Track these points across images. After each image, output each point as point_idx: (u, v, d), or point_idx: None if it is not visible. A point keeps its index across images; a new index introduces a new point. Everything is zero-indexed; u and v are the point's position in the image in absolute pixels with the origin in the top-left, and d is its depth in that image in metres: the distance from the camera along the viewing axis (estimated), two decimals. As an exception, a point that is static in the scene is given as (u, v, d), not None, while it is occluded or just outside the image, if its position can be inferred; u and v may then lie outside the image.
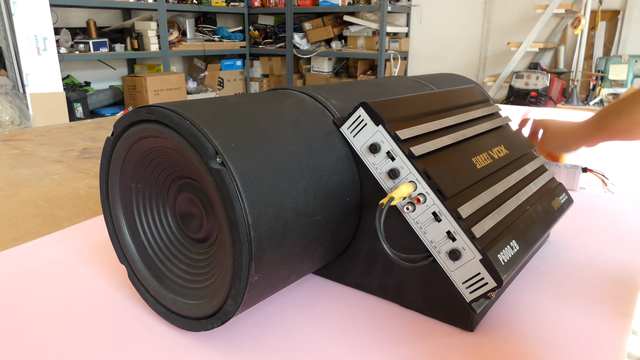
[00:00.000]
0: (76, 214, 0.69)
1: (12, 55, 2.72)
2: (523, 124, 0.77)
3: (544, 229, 0.48)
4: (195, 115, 0.36)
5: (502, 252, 0.40)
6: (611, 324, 0.43)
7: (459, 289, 0.41)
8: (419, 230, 0.41)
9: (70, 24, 3.34)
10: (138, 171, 0.43)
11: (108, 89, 3.47)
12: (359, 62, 4.00)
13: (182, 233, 0.44)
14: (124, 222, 0.45)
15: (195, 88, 3.86)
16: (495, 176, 0.47)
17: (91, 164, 0.95)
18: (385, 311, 0.45)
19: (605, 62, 3.17)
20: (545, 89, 3.32)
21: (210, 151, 0.34)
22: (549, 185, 0.54)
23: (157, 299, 0.43)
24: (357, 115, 0.43)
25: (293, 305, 0.46)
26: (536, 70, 3.40)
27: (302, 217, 0.38)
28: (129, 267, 0.45)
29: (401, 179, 0.41)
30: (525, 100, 3.34)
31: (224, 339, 0.41)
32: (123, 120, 0.40)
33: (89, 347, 0.39)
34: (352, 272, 0.48)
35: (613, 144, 0.85)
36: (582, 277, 0.51)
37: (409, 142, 0.42)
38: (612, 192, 0.78)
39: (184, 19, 3.81)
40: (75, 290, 0.48)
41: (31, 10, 2.62)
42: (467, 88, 0.58)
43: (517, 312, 0.44)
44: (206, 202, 0.41)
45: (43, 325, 0.42)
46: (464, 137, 0.48)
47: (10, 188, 0.80)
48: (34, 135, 1.20)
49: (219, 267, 0.40)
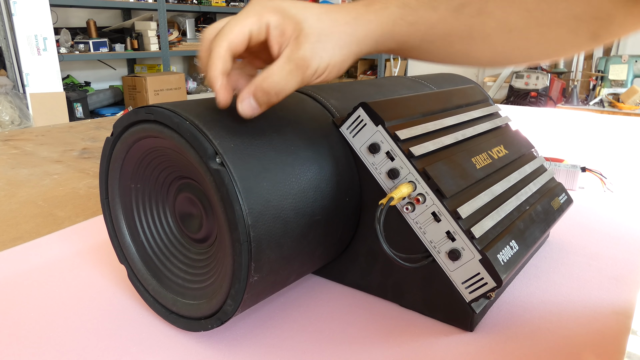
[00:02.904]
0: (76, 214, 0.69)
1: (12, 55, 2.72)
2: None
3: (544, 228, 0.48)
4: (194, 115, 0.36)
5: (501, 252, 0.40)
6: (611, 323, 0.43)
7: (458, 289, 0.41)
8: (419, 230, 0.41)
9: (70, 24, 3.34)
10: (138, 171, 0.43)
11: (108, 89, 3.47)
12: (359, 62, 4.00)
13: (182, 233, 0.45)
14: (124, 222, 0.45)
15: (196, 88, 3.86)
16: (495, 176, 0.47)
17: (91, 164, 0.95)
18: (384, 311, 0.45)
19: (605, 62, 3.17)
20: (545, 89, 3.32)
21: (210, 151, 0.34)
22: (549, 185, 0.54)
23: (156, 299, 0.43)
24: (357, 115, 0.43)
25: (293, 305, 0.46)
26: (536, 70, 3.40)
27: (302, 218, 0.38)
28: (129, 267, 0.45)
29: (401, 179, 0.41)
30: (525, 100, 3.34)
31: (224, 339, 0.41)
32: (122, 120, 0.40)
33: (89, 347, 0.39)
34: (351, 272, 0.48)
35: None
36: (582, 277, 0.51)
37: (408, 142, 0.42)
38: (612, 191, 0.78)
39: (184, 19, 3.81)
40: (75, 290, 0.48)
41: (31, 10, 2.62)
42: (467, 88, 0.58)
43: (516, 312, 0.44)
44: (206, 203, 0.41)
45: (43, 325, 0.42)
46: (464, 137, 0.48)
47: (10, 188, 0.80)
48: (34, 135, 1.20)
49: (218, 267, 0.40)
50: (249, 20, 0.35)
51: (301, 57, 0.35)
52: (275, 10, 0.35)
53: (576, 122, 1.39)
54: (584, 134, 1.24)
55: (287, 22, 0.35)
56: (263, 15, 0.35)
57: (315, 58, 0.35)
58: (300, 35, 0.35)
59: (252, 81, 0.36)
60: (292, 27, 0.35)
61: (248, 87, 0.36)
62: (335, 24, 0.36)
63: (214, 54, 0.35)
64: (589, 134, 1.25)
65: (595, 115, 1.53)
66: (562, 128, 1.31)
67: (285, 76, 0.35)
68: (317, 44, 0.35)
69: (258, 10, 0.35)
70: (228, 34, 0.35)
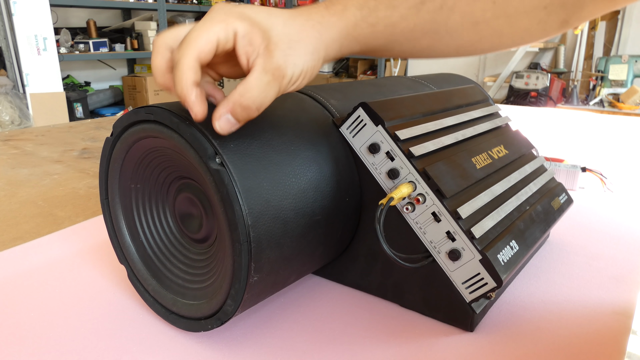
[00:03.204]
0: (76, 214, 0.69)
1: (12, 55, 2.72)
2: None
3: (544, 229, 0.48)
4: (194, 115, 0.36)
5: (501, 252, 0.40)
6: (611, 323, 0.43)
7: (458, 289, 0.41)
8: (419, 230, 0.41)
9: (70, 24, 3.34)
10: (137, 171, 0.43)
11: (108, 89, 3.47)
12: (359, 62, 4.00)
13: (182, 233, 0.44)
14: (124, 222, 0.45)
15: (195, 88, 3.85)
16: (495, 176, 0.47)
17: (91, 164, 0.95)
18: (384, 311, 0.45)
19: (605, 62, 3.17)
20: (545, 89, 3.33)
21: (210, 151, 0.34)
22: (549, 185, 0.54)
23: (156, 299, 0.43)
24: (357, 115, 0.43)
25: (293, 305, 0.46)
26: (536, 70, 3.40)
27: (302, 218, 0.38)
28: (129, 267, 0.45)
29: (401, 179, 0.41)
30: (525, 100, 3.34)
31: (224, 339, 0.41)
32: (122, 120, 0.40)
33: (89, 347, 0.39)
34: (351, 272, 0.48)
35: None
36: (582, 277, 0.51)
37: (408, 142, 0.42)
38: (612, 191, 0.78)
39: (184, 19, 3.81)
40: (75, 290, 0.48)
41: (31, 10, 2.62)
42: (467, 88, 0.58)
43: (517, 312, 0.44)
44: (206, 203, 0.41)
45: (43, 325, 0.42)
46: (464, 137, 0.48)
47: (10, 188, 0.80)
48: (34, 135, 1.20)
49: (218, 267, 0.40)
50: (216, 28, 0.32)
51: (276, 67, 0.33)
52: (241, 17, 0.33)
53: (576, 122, 1.39)
54: (584, 134, 1.24)
55: (255, 30, 0.33)
56: (229, 22, 0.33)
57: (289, 66, 0.34)
58: (270, 44, 0.33)
59: (228, 97, 0.34)
60: (260, 35, 0.33)
61: (224, 104, 0.34)
62: (302, 28, 0.35)
63: (183, 64, 0.32)
64: (589, 134, 1.25)
65: (595, 115, 1.53)
66: (562, 128, 1.31)
67: (264, 89, 0.33)
68: (288, 51, 0.33)
69: (223, 17, 0.33)
70: (196, 42, 0.32)
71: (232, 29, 0.33)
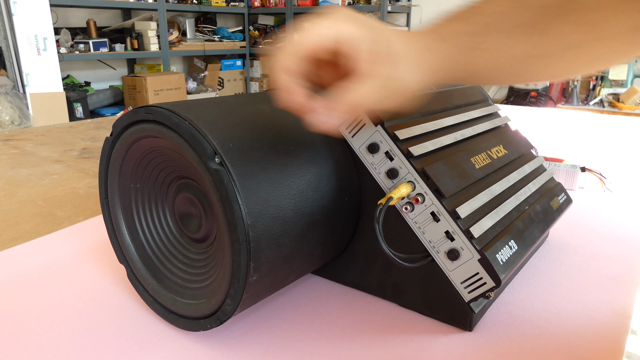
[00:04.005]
0: (76, 214, 0.69)
1: (12, 55, 2.72)
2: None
3: (543, 228, 0.48)
4: (193, 115, 0.36)
5: (500, 252, 0.40)
6: (610, 323, 0.43)
7: (457, 289, 0.41)
8: (418, 230, 0.41)
9: (70, 24, 3.34)
10: (137, 171, 0.43)
11: (108, 89, 3.47)
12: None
13: (181, 233, 0.45)
14: (123, 222, 0.45)
15: (195, 88, 3.86)
16: (494, 176, 0.47)
17: (91, 163, 0.95)
18: (384, 311, 0.45)
19: (605, 62, 3.16)
20: (545, 89, 3.32)
21: (209, 151, 0.34)
22: (548, 185, 0.54)
23: (156, 298, 0.43)
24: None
25: (292, 305, 0.46)
26: (536, 70, 3.38)
27: (301, 217, 0.38)
28: (128, 267, 0.45)
29: (400, 179, 0.41)
30: (525, 100, 3.34)
31: (223, 339, 0.41)
32: (122, 120, 0.40)
33: (88, 347, 0.40)
34: (351, 272, 0.48)
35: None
36: (581, 277, 0.51)
37: (407, 142, 0.42)
38: (611, 191, 0.78)
39: (184, 19, 3.81)
40: (74, 289, 0.48)
41: (31, 10, 2.62)
42: (467, 88, 0.58)
43: (515, 312, 0.44)
44: (205, 202, 0.41)
45: (42, 325, 0.43)
46: (463, 137, 0.48)
47: (10, 188, 0.80)
48: (34, 135, 1.21)
49: (217, 267, 0.40)
50: (346, 27, 0.32)
51: (398, 78, 0.34)
52: (365, 25, 0.33)
53: (576, 122, 1.39)
54: (583, 134, 1.24)
55: (380, 39, 0.33)
56: (356, 26, 0.33)
57: (405, 79, 0.34)
58: (392, 54, 0.33)
59: (341, 96, 0.33)
60: (385, 44, 0.33)
61: (335, 103, 0.33)
62: (415, 48, 0.35)
63: (295, 49, 0.32)
64: (589, 134, 1.25)
65: (595, 115, 1.53)
66: (562, 128, 1.31)
67: (382, 97, 0.34)
68: (407, 67, 0.34)
69: (348, 18, 0.33)
70: (314, 35, 0.32)
71: (357, 32, 0.33)
